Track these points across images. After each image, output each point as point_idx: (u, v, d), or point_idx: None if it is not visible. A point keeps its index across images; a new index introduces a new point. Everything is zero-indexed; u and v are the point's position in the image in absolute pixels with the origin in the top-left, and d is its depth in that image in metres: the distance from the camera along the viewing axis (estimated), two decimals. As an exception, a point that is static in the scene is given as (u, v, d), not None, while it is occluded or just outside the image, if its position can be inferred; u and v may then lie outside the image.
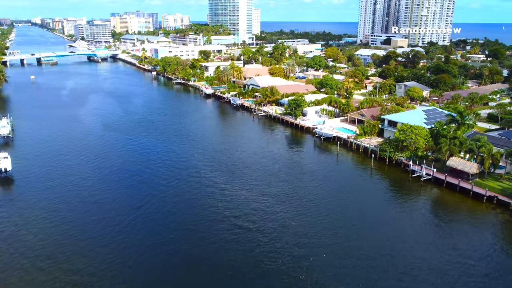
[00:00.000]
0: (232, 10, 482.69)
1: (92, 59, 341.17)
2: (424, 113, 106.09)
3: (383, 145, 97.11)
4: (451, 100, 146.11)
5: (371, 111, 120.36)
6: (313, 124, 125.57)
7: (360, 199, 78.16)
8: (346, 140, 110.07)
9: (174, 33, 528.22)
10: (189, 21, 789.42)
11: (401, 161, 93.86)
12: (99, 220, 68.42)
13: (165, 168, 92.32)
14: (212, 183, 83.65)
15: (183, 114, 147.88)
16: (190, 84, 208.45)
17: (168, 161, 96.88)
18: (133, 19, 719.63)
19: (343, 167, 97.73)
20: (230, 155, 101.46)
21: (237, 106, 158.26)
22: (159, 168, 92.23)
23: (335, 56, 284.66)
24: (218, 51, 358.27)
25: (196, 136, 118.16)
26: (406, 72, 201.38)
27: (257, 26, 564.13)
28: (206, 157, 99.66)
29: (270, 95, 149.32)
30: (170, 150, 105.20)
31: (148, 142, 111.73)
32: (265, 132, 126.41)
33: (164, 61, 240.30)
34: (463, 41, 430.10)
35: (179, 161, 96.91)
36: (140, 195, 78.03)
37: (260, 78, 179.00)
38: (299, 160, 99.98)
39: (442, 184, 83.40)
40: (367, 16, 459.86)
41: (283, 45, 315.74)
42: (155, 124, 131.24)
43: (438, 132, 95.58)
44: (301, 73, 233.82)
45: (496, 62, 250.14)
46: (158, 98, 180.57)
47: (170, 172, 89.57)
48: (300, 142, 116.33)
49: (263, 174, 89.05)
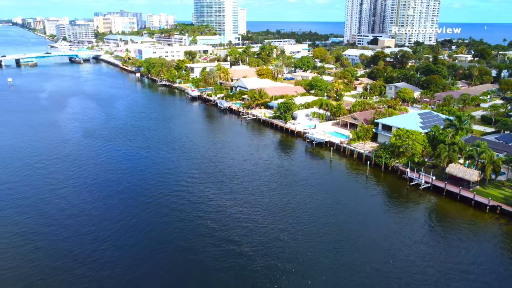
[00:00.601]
0: (217, 9, 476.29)
1: (74, 60, 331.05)
2: (420, 117, 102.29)
3: (378, 151, 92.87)
4: (443, 101, 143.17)
5: (364, 114, 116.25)
6: (304, 128, 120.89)
7: (357, 211, 73.57)
8: (339, 145, 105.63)
9: (159, 33, 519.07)
10: (174, 21, 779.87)
11: (398, 168, 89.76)
12: (74, 237, 62.32)
13: (148, 178, 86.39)
14: (200, 195, 78.10)
15: (168, 119, 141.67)
16: (176, 86, 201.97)
17: (152, 171, 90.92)
18: (116, 19, 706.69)
19: (337, 175, 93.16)
20: (218, 163, 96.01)
21: (224, 109, 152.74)
22: (142, 178, 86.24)
23: (323, 57, 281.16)
24: (204, 52, 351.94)
25: (182, 143, 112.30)
26: (395, 72, 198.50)
27: (243, 26, 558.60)
28: (193, 166, 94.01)
29: (259, 97, 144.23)
30: (154, 158, 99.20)
31: (130, 150, 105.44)
32: (254, 137, 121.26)
33: (148, 62, 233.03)
34: (449, 41, 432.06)
35: (163, 170, 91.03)
36: (120, 209, 72.01)
37: (248, 80, 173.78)
38: (291, 167, 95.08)
39: (441, 192, 79.44)
40: (354, 16, 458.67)
41: (270, 45, 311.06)
42: (138, 130, 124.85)
43: (435, 137, 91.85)
44: (289, 74, 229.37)
45: (484, 62, 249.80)
46: (142, 101, 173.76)
47: (154, 183, 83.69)
48: (291, 148, 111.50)
49: (254, 183, 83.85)
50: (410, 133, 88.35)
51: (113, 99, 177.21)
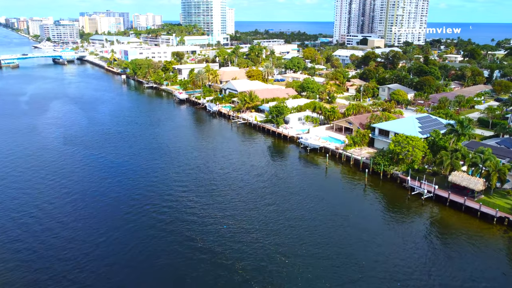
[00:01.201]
0: (205, 9, 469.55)
1: (58, 62, 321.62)
2: (418, 121, 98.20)
3: (376, 158, 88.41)
4: (438, 104, 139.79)
5: (359, 118, 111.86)
6: (297, 133, 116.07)
7: (358, 225, 68.81)
8: (334, 151, 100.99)
9: (146, 33, 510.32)
10: (162, 21, 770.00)
11: (397, 176, 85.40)
12: (50, 257, 56.36)
13: (132, 191, 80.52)
14: (188, 209, 72.59)
15: (155, 123, 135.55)
16: (163, 89, 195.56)
17: (137, 182, 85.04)
18: (102, 19, 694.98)
19: (333, 183, 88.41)
20: (208, 172, 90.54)
21: (213, 113, 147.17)
22: (125, 191, 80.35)
23: (313, 57, 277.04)
24: (192, 52, 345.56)
25: (169, 150, 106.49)
26: (387, 73, 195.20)
27: (232, 26, 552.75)
28: (181, 175, 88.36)
29: (249, 101, 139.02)
30: (139, 167, 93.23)
31: (113, 158, 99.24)
32: (245, 142, 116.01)
33: (134, 63, 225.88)
34: (437, 41, 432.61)
35: (149, 181, 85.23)
36: (101, 227, 66.15)
37: (238, 82, 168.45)
38: (285, 176, 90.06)
39: (444, 202, 75.22)
40: (343, 16, 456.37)
41: (259, 45, 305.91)
42: (123, 136, 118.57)
43: (435, 142, 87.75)
44: (279, 75, 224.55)
45: (475, 63, 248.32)
46: (128, 105, 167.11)
47: (138, 196, 77.91)
48: (284, 154, 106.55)
49: (246, 195, 78.61)
50: (410, 139, 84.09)
51: (97, 102, 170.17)
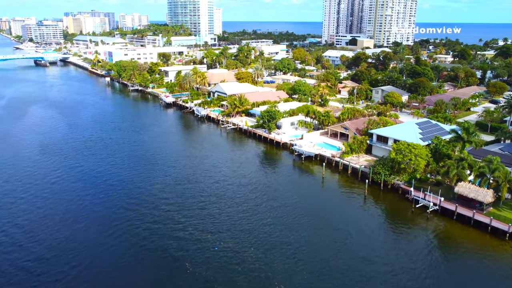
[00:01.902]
0: (192, 9, 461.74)
1: (40, 63, 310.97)
2: (418, 127, 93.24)
3: (376, 167, 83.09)
4: (434, 106, 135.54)
5: (355, 123, 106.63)
6: (290, 139, 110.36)
7: (361, 242, 63.25)
8: (331, 158, 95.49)
9: (131, 33, 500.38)
10: (148, 21, 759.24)
11: (399, 186, 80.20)
12: (21, 281, 49.62)
13: (113, 206, 73.68)
14: (176, 227, 66.18)
15: (140, 129, 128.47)
16: (148, 92, 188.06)
17: (119, 195, 78.22)
18: (87, 19, 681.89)
19: (331, 195, 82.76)
20: (196, 183, 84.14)
21: (202, 118, 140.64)
22: (105, 206, 73.48)
23: (303, 58, 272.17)
24: (179, 53, 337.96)
25: (154, 158, 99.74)
26: (380, 75, 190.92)
27: (219, 26, 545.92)
28: (168, 187, 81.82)
29: (239, 105, 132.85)
30: (122, 178, 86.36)
31: (94, 168, 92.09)
32: (236, 150, 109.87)
33: (119, 65, 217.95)
34: (426, 41, 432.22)
35: (132, 195, 78.48)
36: (77, 249, 59.33)
37: (227, 85, 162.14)
38: (280, 187, 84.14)
39: (451, 216, 70.19)
40: (332, 16, 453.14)
41: (248, 46, 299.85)
42: (105, 143, 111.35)
43: (437, 150, 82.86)
44: (269, 77, 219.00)
45: (466, 63, 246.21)
46: (111, 109, 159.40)
47: (120, 212, 71.17)
48: (278, 162, 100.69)
49: (239, 210, 72.48)
50: (412, 147, 78.95)
51: (79, 107, 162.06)
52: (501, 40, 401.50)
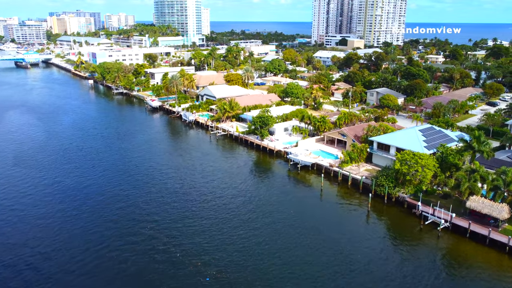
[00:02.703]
0: (179, 9, 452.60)
1: (20, 65, 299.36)
2: (421, 133, 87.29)
3: (379, 179, 76.87)
4: (432, 110, 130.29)
5: (354, 129, 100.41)
6: (284, 146, 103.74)
7: (367, 267, 56.77)
8: (329, 168, 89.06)
9: (117, 34, 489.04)
10: (134, 21, 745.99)
11: (404, 200, 74.09)
12: None
13: (90, 224, 66.03)
14: (160, 250, 58.93)
15: (124, 136, 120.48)
16: (134, 95, 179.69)
17: (96, 213, 70.54)
18: (72, 19, 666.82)
19: (331, 210, 76.14)
20: (184, 199, 76.85)
21: (190, 123, 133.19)
22: (81, 224, 65.80)
23: (293, 59, 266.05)
24: (166, 54, 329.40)
25: (139, 170, 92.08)
26: (373, 76, 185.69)
27: (207, 27, 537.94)
28: (153, 203, 74.42)
29: (229, 109, 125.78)
30: (102, 194, 78.62)
31: (72, 182, 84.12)
32: (226, 158, 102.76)
33: (103, 67, 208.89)
34: (416, 41, 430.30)
35: (112, 211, 70.87)
36: (40, 281, 51.74)
37: (216, 88, 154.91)
38: (275, 201, 77.36)
39: (464, 233, 64.24)
40: (321, 16, 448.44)
41: (237, 47, 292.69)
42: (85, 153, 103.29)
43: (444, 159, 77.00)
44: (259, 79, 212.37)
45: (458, 64, 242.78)
46: (94, 114, 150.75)
47: (97, 231, 63.58)
48: (272, 173, 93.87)
49: (232, 231, 65.46)
50: (418, 157, 72.90)
51: (59, 112, 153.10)
52: (491, 40, 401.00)
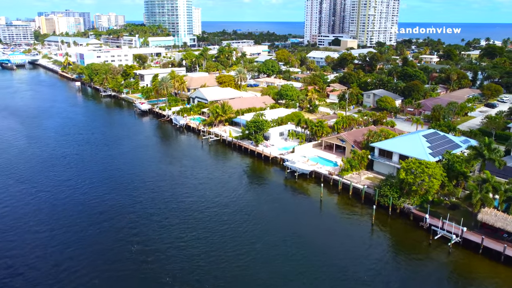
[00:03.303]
0: (170, 9, 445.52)
1: (6, 66, 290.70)
2: (425, 139, 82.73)
3: (383, 188, 72.14)
4: (432, 112, 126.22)
5: (353, 134, 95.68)
6: (280, 152, 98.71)
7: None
8: (328, 176, 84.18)
9: (107, 34, 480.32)
10: (125, 21, 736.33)
11: (409, 211, 69.45)
12: None
13: (69, 240, 60.28)
14: (148, 276, 53.46)
15: (111, 142, 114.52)
16: (122, 97, 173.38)
17: (77, 226, 64.79)
18: (61, 19, 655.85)
19: (332, 223, 71.11)
20: (174, 213, 71.35)
21: (180, 127, 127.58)
22: (59, 239, 60.03)
23: (286, 60, 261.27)
24: (156, 55, 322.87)
25: (125, 180, 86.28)
26: (369, 77, 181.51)
27: (198, 27, 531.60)
28: (139, 218, 68.85)
29: (222, 113, 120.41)
30: (87, 208, 72.82)
31: (53, 195, 78.12)
32: (219, 166, 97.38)
33: (90, 68, 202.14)
34: (408, 41, 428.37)
35: (94, 226, 65.21)
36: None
37: (208, 90, 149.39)
38: (272, 213, 72.27)
39: (476, 249, 59.69)
40: (314, 16, 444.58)
41: (229, 47, 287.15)
42: (70, 161, 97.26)
43: (452, 167, 72.55)
44: (252, 80, 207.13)
45: (453, 64, 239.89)
46: (81, 118, 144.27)
47: (76, 250, 57.87)
48: (268, 181, 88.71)
49: (228, 250, 60.14)
50: (425, 166, 68.30)
51: (43, 116, 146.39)
52: (483, 40, 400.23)
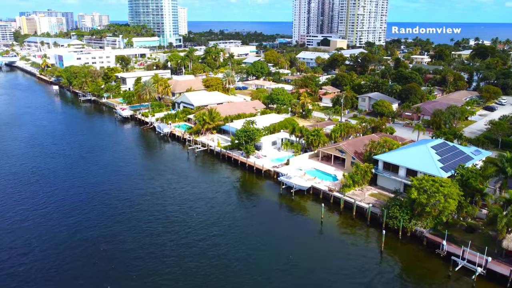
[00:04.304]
0: (155, 8, 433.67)
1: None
2: (434, 151, 75.04)
3: (391, 209, 64.15)
4: (432, 117, 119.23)
5: (353, 144, 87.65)
6: (273, 165, 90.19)
7: None
8: (327, 193, 75.96)
9: (89, 34, 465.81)
10: (109, 21, 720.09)
11: (422, 235, 61.59)
12: None
13: (32, 276, 50.97)
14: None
15: (89, 153, 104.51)
16: (103, 102, 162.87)
17: (43, 259, 55.30)
18: (42, 19, 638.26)
19: (336, 249, 62.63)
20: (155, 239, 62.26)
21: (164, 136, 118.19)
22: (22, 276, 50.66)
23: (276, 61, 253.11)
24: (141, 56, 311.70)
25: (102, 199, 76.71)
26: (363, 79, 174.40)
27: (184, 27, 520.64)
28: (119, 243, 59.59)
29: (209, 120, 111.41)
30: (56, 234, 63.23)
31: (19, 218, 68.28)
32: (207, 181, 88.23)
33: (69, 71, 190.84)
34: (397, 41, 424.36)
35: (63, 253, 55.78)
36: None
37: (194, 95, 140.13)
38: (267, 238, 63.69)
39: (503, 282, 52.08)
40: (302, 16, 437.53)
41: (216, 48, 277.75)
42: (40, 177, 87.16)
43: (466, 184, 65.00)
44: (240, 83, 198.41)
45: (446, 64, 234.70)
46: (57, 127, 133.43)
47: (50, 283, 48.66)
48: (261, 199, 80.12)
49: (212, 278, 51.42)
50: (439, 184, 60.51)
51: (16, 124, 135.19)
52: (472, 40, 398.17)
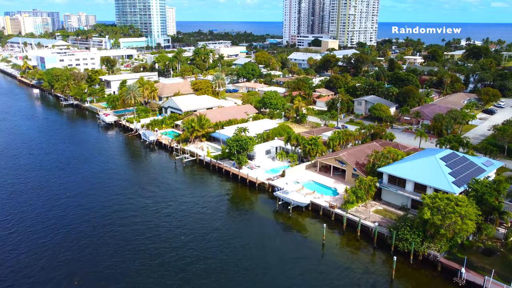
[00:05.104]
0: (142, 8, 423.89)
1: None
2: (444, 163, 68.88)
3: (401, 230, 57.78)
4: (432, 122, 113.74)
5: (354, 155, 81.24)
6: (268, 177, 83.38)
7: None
8: (328, 209, 69.40)
9: (75, 35, 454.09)
10: (96, 21, 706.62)
11: (436, 259, 55.34)
12: None
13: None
14: None
15: (68, 165, 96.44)
16: (86, 107, 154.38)
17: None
18: (27, 19, 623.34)
19: (341, 277, 56.02)
20: (137, 268, 55.01)
21: (150, 144, 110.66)
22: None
23: (267, 62, 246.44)
24: (128, 57, 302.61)
25: (79, 219, 69.12)
26: (357, 81, 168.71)
27: (173, 27, 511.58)
28: (97, 273, 52.24)
29: (199, 127, 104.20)
30: (28, 257, 55.59)
31: (-19, 245, 60.56)
32: (196, 196, 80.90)
33: (51, 73, 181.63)
34: (388, 41, 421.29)
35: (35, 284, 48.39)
36: None
37: (182, 99, 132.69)
38: (262, 264, 56.87)
39: (533, 317, 46.14)
40: (292, 16, 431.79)
41: (205, 48, 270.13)
42: (11, 193, 79.08)
43: (482, 201, 58.98)
44: (231, 85, 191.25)
45: (440, 65, 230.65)
46: (35, 135, 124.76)
47: None
48: (255, 216, 73.23)
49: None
50: (455, 203, 54.31)
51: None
52: (463, 40, 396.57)
